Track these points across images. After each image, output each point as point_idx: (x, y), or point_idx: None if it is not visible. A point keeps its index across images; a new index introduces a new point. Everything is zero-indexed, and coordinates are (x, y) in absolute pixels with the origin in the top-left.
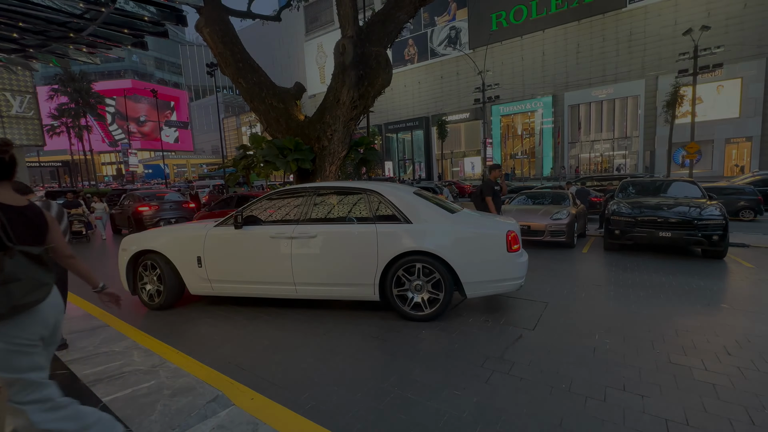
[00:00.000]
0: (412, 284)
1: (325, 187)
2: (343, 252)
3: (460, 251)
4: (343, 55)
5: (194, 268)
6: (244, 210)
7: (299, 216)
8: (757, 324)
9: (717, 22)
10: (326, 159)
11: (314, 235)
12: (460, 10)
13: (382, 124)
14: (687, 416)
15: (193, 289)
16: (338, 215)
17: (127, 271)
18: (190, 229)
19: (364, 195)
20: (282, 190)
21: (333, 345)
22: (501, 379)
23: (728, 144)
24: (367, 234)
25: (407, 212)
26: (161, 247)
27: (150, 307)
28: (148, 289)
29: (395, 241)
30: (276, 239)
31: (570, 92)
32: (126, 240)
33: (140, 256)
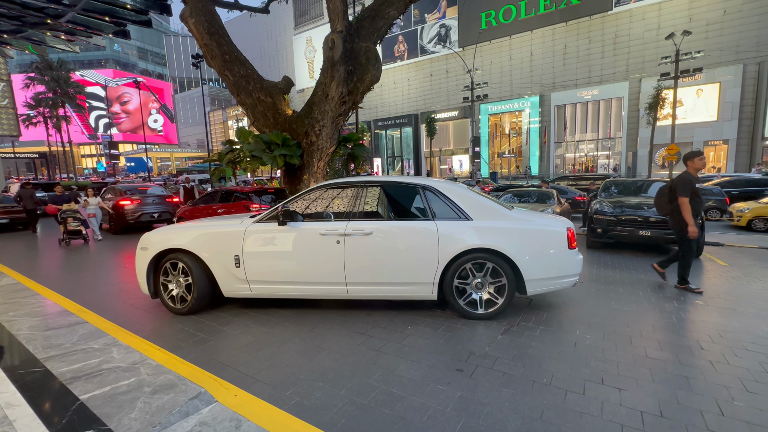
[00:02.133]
0: (472, 282)
1: (376, 181)
2: (402, 250)
3: (523, 248)
4: (332, 50)
5: (230, 267)
6: (286, 205)
7: (351, 212)
8: (730, 320)
9: (698, 27)
10: (314, 154)
11: (370, 232)
12: (450, 8)
13: (371, 120)
14: (661, 408)
15: (228, 291)
16: (392, 211)
17: (147, 272)
18: (223, 225)
19: (419, 190)
20: (328, 184)
21: (319, 342)
22: (484, 373)
23: (706, 146)
24: (428, 231)
25: (466, 208)
26: (191, 245)
27: (176, 312)
28: (174, 292)
29: (457, 238)
30: (327, 236)
31: (557, 93)
32: (146, 238)
33: (163, 255)
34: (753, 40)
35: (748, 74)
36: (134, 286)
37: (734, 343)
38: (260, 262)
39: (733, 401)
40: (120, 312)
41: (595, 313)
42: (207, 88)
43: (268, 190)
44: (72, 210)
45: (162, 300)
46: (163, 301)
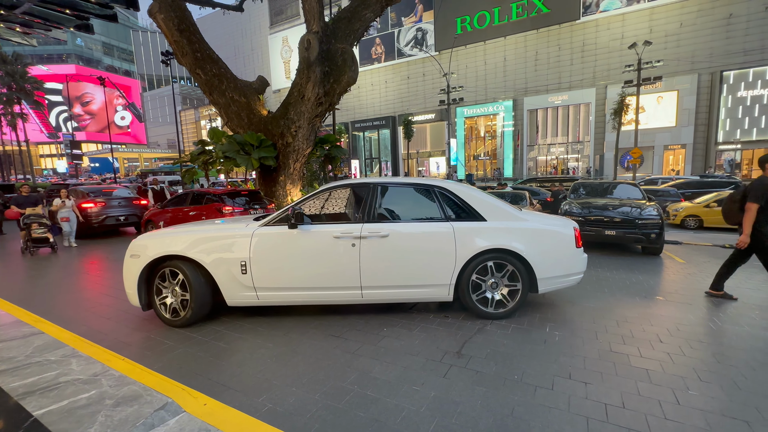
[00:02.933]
0: (487, 282)
1: (389, 182)
2: (419, 252)
3: (536, 248)
4: (308, 51)
5: (236, 274)
6: (297, 207)
7: (364, 214)
8: (687, 314)
9: (658, 38)
10: (290, 156)
11: (386, 234)
12: (426, 12)
13: (349, 122)
14: (623, 400)
15: (232, 300)
16: (407, 213)
17: (139, 282)
18: (226, 229)
19: (433, 191)
20: (339, 185)
21: (293, 346)
22: (458, 373)
23: (666, 150)
24: (445, 232)
25: (480, 209)
26: (191, 251)
27: (172, 324)
28: (169, 303)
29: (473, 239)
30: (341, 239)
31: (529, 97)
32: (138, 244)
33: (157, 263)
34: (707, 51)
35: (703, 83)
36: (99, 294)
37: (690, 336)
38: (269, 268)
39: (687, 390)
40: (82, 321)
41: (564, 311)
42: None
43: (242, 192)
44: (37, 215)
45: (156, 311)
46: (158, 313)
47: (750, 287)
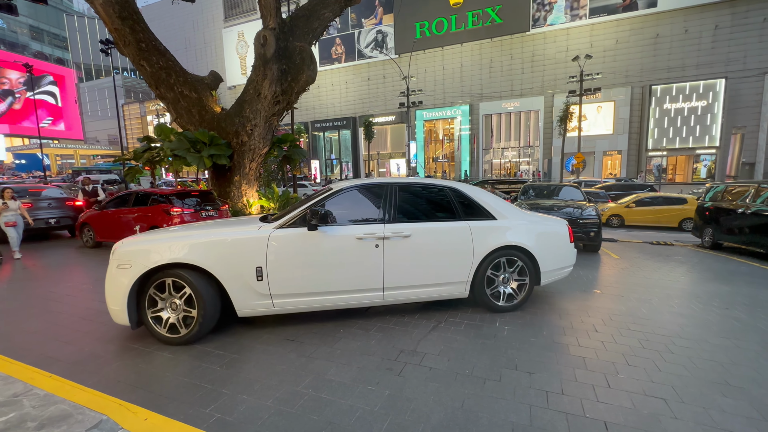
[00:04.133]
0: (500, 278)
1: (405, 182)
2: (439, 251)
3: (540, 244)
4: (264, 47)
5: (250, 282)
6: (315, 208)
7: (385, 214)
8: (618, 305)
9: (597, 52)
10: (246, 155)
11: (409, 234)
12: (386, 15)
13: (309, 121)
14: (563, 386)
15: (244, 310)
16: (425, 213)
17: (130, 296)
18: (235, 232)
19: (446, 192)
20: (357, 185)
21: (245, 353)
22: (413, 370)
23: (605, 155)
24: (462, 231)
25: (490, 209)
26: (196, 257)
27: (170, 342)
28: (167, 318)
29: (488, 237)
30: (364, 240)
31: (484, 102)
32: (127, 252)
33: (153, 273)
34: (638, 66)
35: (635, 95)
36: (20, 306)
37: (621, 325)
38: (288, 273)
39: (617, 374)
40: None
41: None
42: (120, 78)
43: (192, 193)
44: None
45: (150, 329)
46: (151, 330)
47: (671, 279)
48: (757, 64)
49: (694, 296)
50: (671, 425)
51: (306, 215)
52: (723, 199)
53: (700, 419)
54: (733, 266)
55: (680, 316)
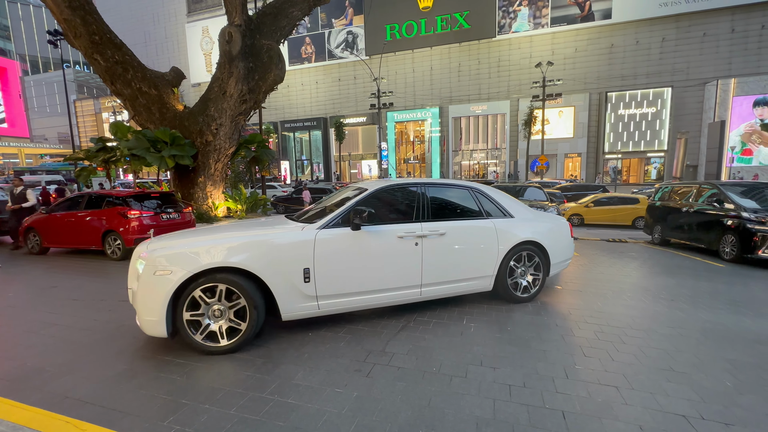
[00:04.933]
0: (518, 271)
1: (434, 183)
2: (470, 248)
3: (551, 239)
4: (229, 44)
5: (298, 284)
6: (359, 208)
7: (420, 213)
8: (578, 300)
9: (558, 59)
10: (211, 155)
11: (444, 232)
12: (357, 16)
13: (278, 121)
14: (524, 380)
15: (289, 313)
16: (454, 212)
17: (169, 304)
18: (278, 234)
19: (469, 192)
20: (391, 186)
21: (208, 361)
22: (381, 371)
23: (566, 158)
24: (489, 229)
25: (508, 208)
26: (243, 260)
27: (211, 351)
28: (211, 326)
29: (509, 233)
30: (405, 239)
31: (453, 105)
32: (159, 257)
33: (194, 279)
34: (595, 74)
35: (593, 101)
36: None
37: (579, 319)
38: (334, 274)
39: (575, 366)
40: None
41: (480, 304)
42: (72, 71)
43: (152, 195)
44: None
45: (189, 339)
46: (192, 340)
47: (624, 274)
48: (699, 75)
49: (645, 289)
50: (622, 411)
51: (349, 215)
52: (670, 198)
53: (648, 404)
54: (679, 260)
55: (632, 308)
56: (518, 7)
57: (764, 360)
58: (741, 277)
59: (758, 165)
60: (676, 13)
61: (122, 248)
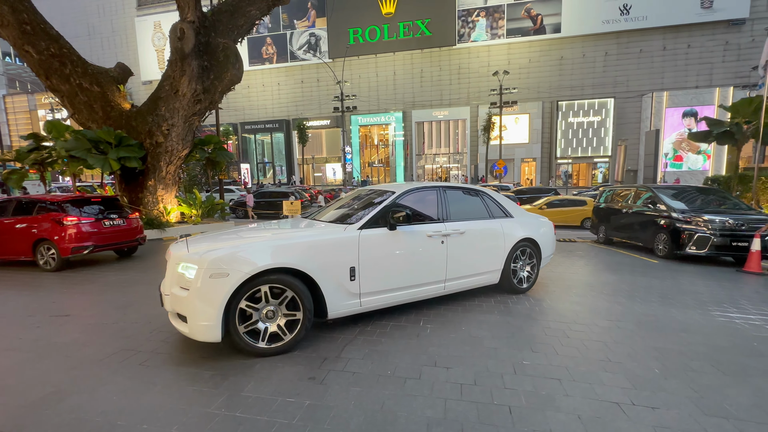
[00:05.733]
0: (518, 265)
1: (450, 186)
2: (484, 245)
3: (542, 236)
4: (181, 41)
5: (344, 282)
6: (396, 209)
7: (442, 214)
8: (528, 298)
9: (514, 69)
10: (162, 157)
11: (463, 231)
12: (319, 18)
13: (238, 123)
14: (475, 378)
15: (336, 311)
16: (467, 212)
17: (226, 307)
18: (322, 234)
19: (479, 194)
20: (415, 188)
21: (150, 376)
22: (336, 377)
23: (523, 162)
24: (498, 227)
25: (509, 209)
26: (297, 261)
27: (265, 353)
28: (263, 327)
29: (512, 232)
30: (433, 238)
31: (416, 110)
32: (215, 260)
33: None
34: (547, 84)
35: (546, 109)
36: None
37: (528, 316)
38: (375, 272)
39: (523, 361)
40: None
41: (437, 307)
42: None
43: (93, 199)
44: None
45: (240, 341)
46: (243, 342)
47: (571, 272)
48: (637, 87)
49: (589, 286)
50: (563, 402)
51: (387, 216)
52: (612, 201)
53: (586, 394)
54: (620, 258)
55: (577, 304)
56: (476, 18)
57: (687, 347)
58: (671, 271)
59: (687, 170)
60: (617, 30)
61: (57, 258)
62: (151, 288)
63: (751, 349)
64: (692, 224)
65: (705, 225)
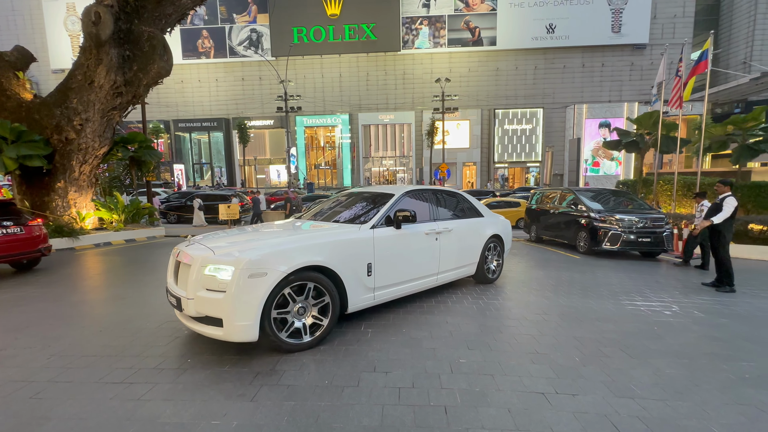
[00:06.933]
0: (489, 257)
1: (436, 189)
2: (467, 240)
3: (505, 232)
4: (97, 26)
5: (362, 278)
6: (402, 209)
7: (431, 214)
8: (466, 296)
9: (455, 77)
10: (74, 156)
11: (451, 229)
12: (261, 14)
13: (171, 120)
14: (414, 381)
15: (354, 305)
16: (450, 212)
17: (265, 305)
18: (343, 234)
19: (457, 196)
20: (408, 191)
21: (44, 409)
22: (269, 392)
23: (464, 166)
24: (475, 225)
25: (480, 209)
26: (326, 259)
27: (296, 348)
28: (296, 323)
29: (485, 229)
30: (429, 235)
31: (363, 113)
32: (252, 261)
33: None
34: (485, 92)
35: (485, 116)
36: None
37: (465, 314)
38: (386, 267)
39: (459, 360)
40: None
41: (380, 310)
42: None
43: None
44: None
45: (276, 337)
46: (278, 338)
47: (506, 270)
48: (561, 99)
49: (521, 282)
50: (495, 397)
51: (392, 215)
52: (542, 202)
53: (516, 387)
54: (548, 255)
55: (509, 300)
56: (420, 26)
57: (602, 335)
58: (590, 266)
59: (603, 174)
60: (544, 47)
61: None
62: (56, 306)
63: (652, 333)
64: (607, 223)
65: (617, 223)
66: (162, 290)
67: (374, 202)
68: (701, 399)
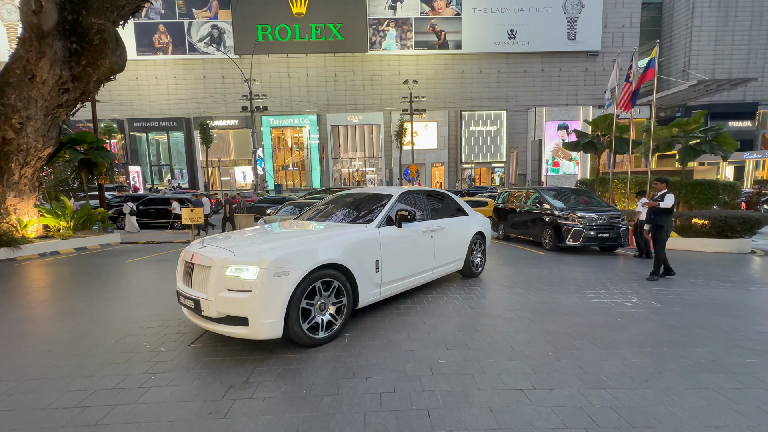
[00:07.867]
0: (474, 253)
1: (427, 190)
2: (456, 238)
3: (487, 229)
4: (37, 16)
5: (371, 274)
6: (404, 208)
7: (425, 212)
8: (441, 296)
9: (422, 79)
10: (12, 158)
11: (443, 226)
12: (223, 10)
13: (126, 119)
14: (394, 385)
15: (364, 300)
16: (440, 211)
17: (290, 303)
18: (353, 232)
19: (446, 196)
20: (402, 192)
21: None
22: (242, 406)
23: (433, 167)
24: (463, 224)
25: (465, 208)
26: (341, 257)
27: (315, 343)
28: (316, 318)
29: (471, 227)
30: (425, 233)
31: (331, 114)
32: (276, 260)
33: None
34: (452, 94)
35: (452, 118)
36: None
37: (442, 314)
38: (391, 264)
39: (439, 360)
40: None
41: (356, 313)
42: None
43: None
44: None
45: (298, 333)
46: (302, 333)
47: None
48: (523, 102)
49: (492, 280)
50: (476, 396)
51: (393, 215)
52: (508, 201)
53: (495, 385)
54: (516, 252)
55: (483, 298)
56: (387, 28)
57: (572, 328)
58: (556, 262)
59: (563, 174)
60: (506, 52)
61: None
62: None
63: (617, 324)
64: (569, 220)
65: (579, 220)
66: (118, 302)
67: (373, 202)
68: (665, 386)
